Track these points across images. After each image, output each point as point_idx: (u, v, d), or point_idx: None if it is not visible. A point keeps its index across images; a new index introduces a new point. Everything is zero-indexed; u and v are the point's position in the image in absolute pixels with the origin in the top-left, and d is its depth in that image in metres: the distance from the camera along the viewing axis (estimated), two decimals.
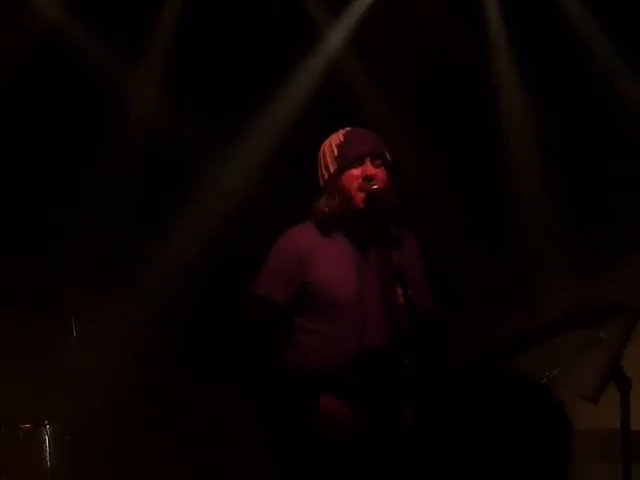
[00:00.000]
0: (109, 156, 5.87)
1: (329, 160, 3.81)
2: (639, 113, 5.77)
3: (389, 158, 3.82)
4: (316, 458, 3.69)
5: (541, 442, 1.76)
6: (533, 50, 5.80)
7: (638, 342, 3.70)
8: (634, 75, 5.75)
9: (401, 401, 3.63)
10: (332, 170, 3.79)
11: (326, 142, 3.86)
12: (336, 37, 5.98)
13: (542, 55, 5.78)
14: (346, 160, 3.76)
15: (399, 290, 3.63)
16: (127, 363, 5.61)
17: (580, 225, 5.78)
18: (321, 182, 3.84)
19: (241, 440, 5.39)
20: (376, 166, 3.76)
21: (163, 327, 5.74)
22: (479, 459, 1.74)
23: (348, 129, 3.86)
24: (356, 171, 3.75)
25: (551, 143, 5.91)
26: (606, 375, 3.56)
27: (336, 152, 3.79)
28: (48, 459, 4.89)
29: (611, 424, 3.71)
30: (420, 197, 5.70)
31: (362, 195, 3.73)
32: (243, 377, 4.00)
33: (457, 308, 5.51)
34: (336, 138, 3.83)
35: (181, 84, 5.87)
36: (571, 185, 5.84)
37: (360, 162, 3.75)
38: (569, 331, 3.61)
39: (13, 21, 5.67)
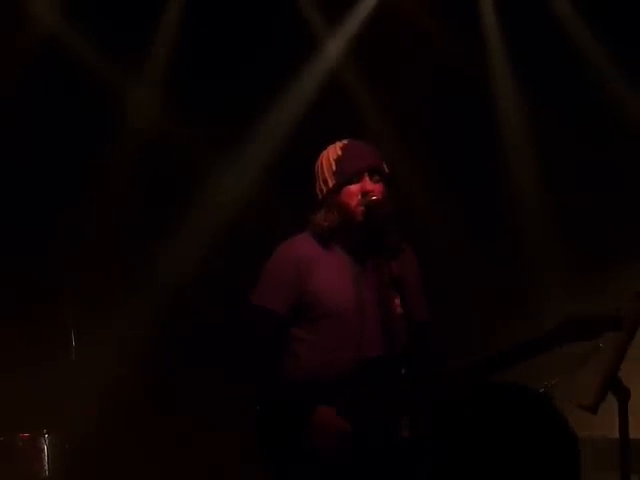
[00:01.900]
0: (110, 162, 5.87)
1: (327, 175, 3.78)
2: (635, 117, 5.78)
3: (387, 171, 3.82)
4: (313, 470, 3.68)
5: (549, 457, 1.77)
6: (529, 57, 5.82)
7: (636, 352, 3.70)
8: (629, 80, 5.76)
9: (398, 411, 3.62)
10: (331, 185, 3.77)
11: (324, 155, 3.83)
12: (335, 45, 6.00)
13: (538, 61, 5.80)
14: (345, 176, 3.73)
15: (397, 301, 3.63)
16: (126, 373, 5.61)
17: (579, 230, 5.79)
18: (319, 195, 3.82)
19: (240, 446, 5.40)
20: (375, 181, 3.75)
21: (163, 336, 5.74)
22: (487, 472, 1.75)
23: (345, 142, 3.82)
24: (355, 187, 3.73)
25: (548, 147, 5.92)
26: (605, 385, 3.56)
27: (334, 167, 3.76)
28: (47, 468, 4.89)
29: (610, 432, 3.71)
30: (418, 204, 5.72)
31: (362, 209, 3.71)
32: (241, 387, 3.99)
33: (455, 315, 5.51)
34: (334, 152, 3.80)
35: (181, 90, 5.88)
36: (569, 189, 5.85)
37: (358, 178, 3.74)
38: (567, 343, 3.61)
39: (12, 29, 5.68)
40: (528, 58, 5.84)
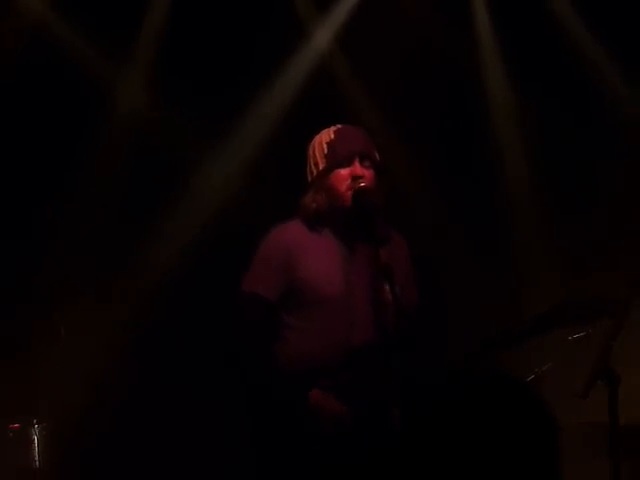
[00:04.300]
0: (98, 156, 5.85)
1: (318, 157, 3.80)
2: (625, 108, 5.78)
3: (378, 158, 3.82)
4: (303, 455, 3.68)
5: (528, 443, 1.76)
6: (520, 47, 5.82)
7: (627, 337, 3.71)
8: (627, 79, 5.77)
9: (388, 400, 3.61)
10: (321, 167, 3.79)
11: (316, 138, 3.85)
12: (323, 35, 5.99)
13: (532, 59, 5.80)
14: (335, 159, 3.75)
15: (386, 287, 3.63)
16: (116, 362, 5.60)
17: (568, 219, 5.79)
18: (309, 178, 3.84)
19: (232, 438, 5.39)
20: (365, 167, 3.76)
21: (152, 326, 5.74)
22: (466, 459, 1.74)
23: (339, 126, 3.84)
24: (344, 171, 3.75)
25: (538, 138, 5.92)
26: (595, 371, 3.57)
27: (326, 150, 3.78)
28: (37, 459, 4.89)
29: (601, 418, 3.71)
30: (407, 194, 5.72)
31: (350, 194, 3.73)
32: (233, 374, 4.00)
33: (445, 305, 5.51)
34: (326, 135, 3.82)
35: (168, 82, 5.86)
36: (559, 179, 5.86)
37: (349, 162, 3.75)
38: (557, 329, 3.61)
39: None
40: (522, 56, 5.84)
